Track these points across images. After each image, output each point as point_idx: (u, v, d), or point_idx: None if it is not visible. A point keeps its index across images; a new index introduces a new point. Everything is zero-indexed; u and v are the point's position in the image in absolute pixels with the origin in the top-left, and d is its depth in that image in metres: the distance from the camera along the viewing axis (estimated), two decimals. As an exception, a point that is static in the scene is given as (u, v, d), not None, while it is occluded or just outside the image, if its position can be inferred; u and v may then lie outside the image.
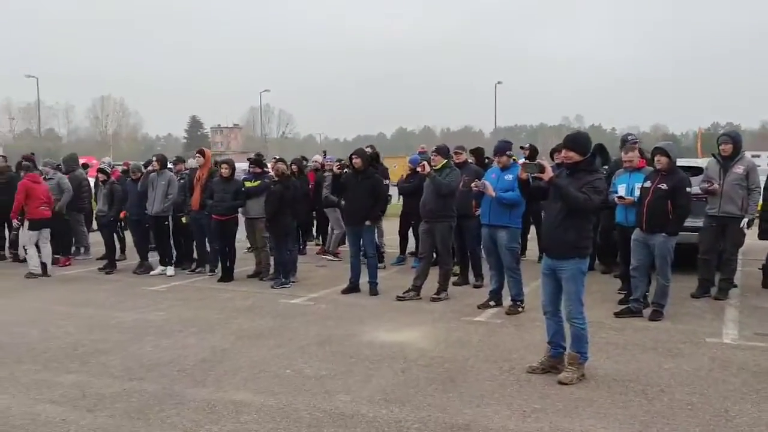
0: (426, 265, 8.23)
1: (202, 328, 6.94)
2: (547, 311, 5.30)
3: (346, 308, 7.79)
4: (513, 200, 7.18)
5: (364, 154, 8.49)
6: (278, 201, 8.86)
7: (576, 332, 5.13)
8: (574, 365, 5.11)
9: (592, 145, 5.08)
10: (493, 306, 7.61)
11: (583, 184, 4.92)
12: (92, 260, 11.76)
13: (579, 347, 5.15)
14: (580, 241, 4.99)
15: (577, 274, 5.02)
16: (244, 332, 6.76)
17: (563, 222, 4.97)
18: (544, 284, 5.24)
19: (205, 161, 10.05)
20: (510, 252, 7.33)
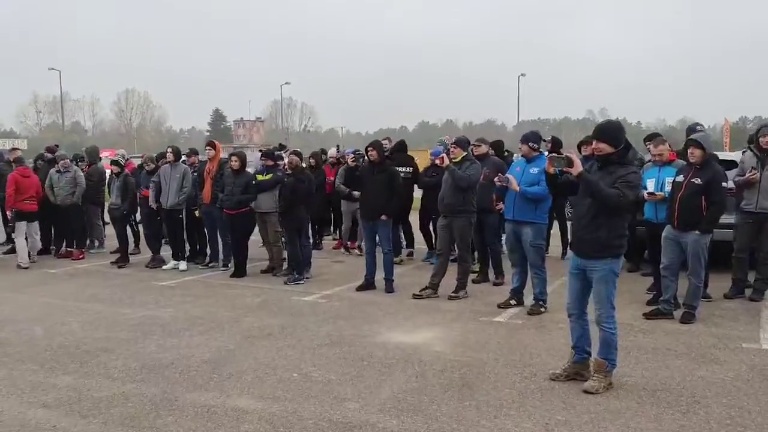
0: (444, 261, 7.90)
1: (209, 327, 6.67)
2: (572, 314, 4.93)
3: (359, 306, 7.49)
4: (538, 195, 6.81)
5: (380, 146, 8.16)
6: (291, 194, 8.58)
7: (605, 337, 4.75)
8: (602, 373, 4.74)
9: (625, 134, 4.66)
10: (514, 305, 7.27)
11: (615, 179, 4.53)
12: (106, 254, 11.57)
13: (607, 354, 4.77)
14: (612, 240, 4.60)
15: (609, 275, 4.65)
16: (252, 331, 6.48)
17: (594, 219, 4.59)
18: (570, 284, 4.87)
19: (215, 154, 9.80)
20: (535, 249, 6.96)
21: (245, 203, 9.23)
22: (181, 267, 9.96)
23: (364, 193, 8.19)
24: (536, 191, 6.82)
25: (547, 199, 6.91)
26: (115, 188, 10.51)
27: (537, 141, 7.03)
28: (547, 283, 7.21)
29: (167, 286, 8.85)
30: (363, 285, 8.33)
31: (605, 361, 4.76)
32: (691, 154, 6.58)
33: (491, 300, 7.64)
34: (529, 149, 7.03)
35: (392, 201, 8.11)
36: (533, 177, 6.89)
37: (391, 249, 8.32)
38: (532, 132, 7.22)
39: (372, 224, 8.14)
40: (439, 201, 7.83)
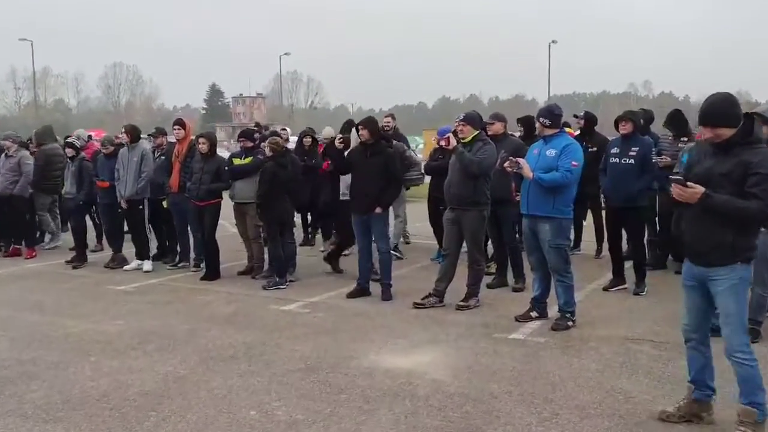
0: (451, 263, 7.30)
1: (162, 345, 6.10)
2: (690, 338, 4.22)
3: (348, 318, 6.91)
4: (556, 182, 6.18)
5: (373, 123, 7.51)
6: (270, 182, 8.02)
7: (744, 374, 3.97)
8: (750, 425, 3.96)
9: (739, 107, 3.91)
10: (536, 318, 6.65)
11: (742, 168, 3.75)
12: (65, 249, 11.01)
13: (753, 396, 3.97)
14: (741, 241, 3.86)
15: (739, 286, 3.90)
16: (212, 351, 5.90)
17: (718, 219, 3.84)
18: (687, 301, 4.17)
19: (185, 134, 9.25)
20: (555, 250, 6.30)
21: (216, 193, 8.67)
22: (145, 267, 9.45)
23: (354, 180, 7.59)
24: (552, 178, 6.19)
25: (567, 187, 6.25)
26: (70, 174, 9.96)
27: (550, 116, 6.36)
28: (574, 290, 6.55)
29: (124, 291, 8.36)
30: (355, 291, 7.80)
31: (753, 409, 3.96)
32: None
33: (509, 311, 7.04)
34: (540, 126, 6.42)
35: (389, 189, 7.52)
36: (550, 161, 6.27)
37: (389, 248, 7.70)
38: (547, 106, 6.56)
39: (365, 218, 7.54)
40: (445, 190, 7.23)
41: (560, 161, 6.17)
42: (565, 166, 6.13)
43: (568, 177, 6.13)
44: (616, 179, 7.42)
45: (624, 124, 7.51)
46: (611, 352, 5.70)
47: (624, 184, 7.27)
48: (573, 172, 6.15)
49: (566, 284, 6.40)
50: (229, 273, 9.13)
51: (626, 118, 7.56)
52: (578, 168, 6.20)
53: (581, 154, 6.34)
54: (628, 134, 7.48)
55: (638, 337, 6.07)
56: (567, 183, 6.18)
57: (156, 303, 7.71)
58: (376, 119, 7.74)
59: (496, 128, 7.92)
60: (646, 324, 6.50)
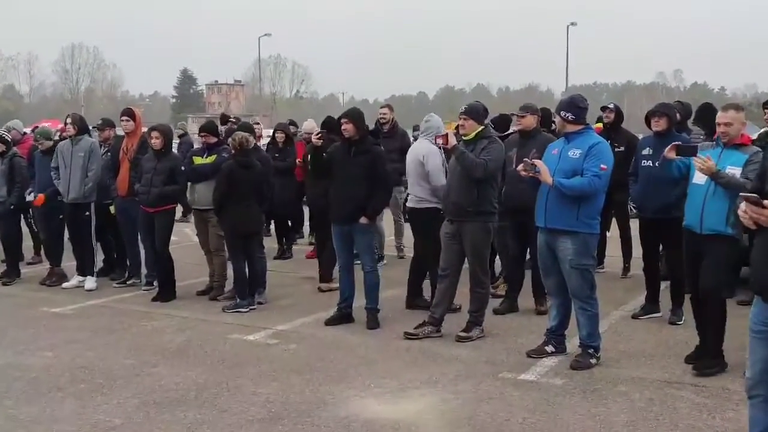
0: (450, 285, 6.96)
1: (95, 385, 5.73)
2: (755, 394, 3.82)
3: (324, 351, 6.54)
4: (580, 189, 5.81)
5: (357, 117, 7.14)
6: (227, 183, 7.72)
7: None
8: None
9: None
10: (552, 353, 6.29)
11: None
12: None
13: None
14: None
15: None
16: (157, 394, 5.52)
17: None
18: (756, 350, 3.78)
19: (134, 127, 8.89)
20: (578, 272, 5.92)
21: (170, 197, 8.36)
22: (87, 285, 9.12)
23: (335, 183, 7.26)
24: (577, 185, 5.81)
25: (595, 195, 5.87)
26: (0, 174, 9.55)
27: (574, 109, 5.99)
28: (599, 321, 6.16)
29: (59, 315, 8.00)
30: (335, 317, 7.44)
31: None
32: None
33: (519, 343, 6.67)
34: (561, 121, 6.06)
35: (377, 195, 7.18)
36: (574, 163, 5.88)
37: (375, 266, 7.32)
38: (570, 97, 6.19)
39: (347, 229, 7.18)
40: (443, 198, 6.91)
41: (586, 164, 5.79)
42: (593, 169, 5.76)
43: (596, 183, 5.75)
44: (648, 185, 7.04)
45: (657, 120, 7.14)
46: (644, 398, 5.33)
47: (658, 192, 6.87)
48: (602, 177, 5.77)
49: (590, 313, 6.01)
50: (188, 292, 8.79)
51: (660, 113, 7.20)
52: (607, 172, 5.82)
53: (611, 156, 5.97)
54: (663, 132, 7.11)
55: (677, 380, 5.68)
56: (594, 190, 5.79)
57: (96, 330, 7.33)
58: (362, 111, 7.35)
59: (528, 122, 7.56)
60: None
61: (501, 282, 8.35)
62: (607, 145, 6.05)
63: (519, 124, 7.48)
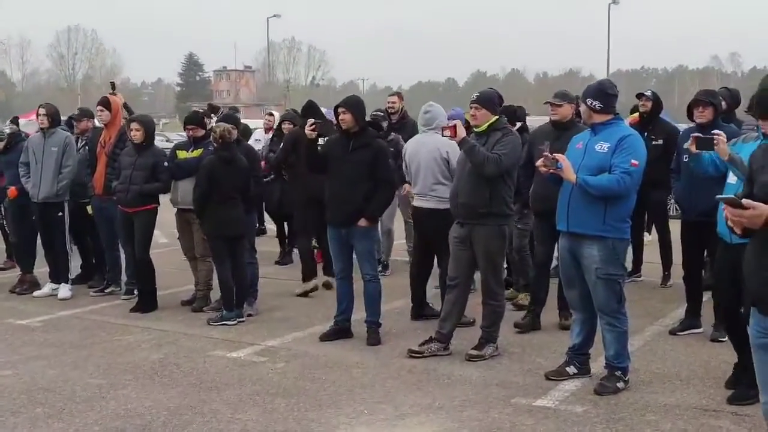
0: (460, 297, 6.79)
1: (54, 409, 5.60)
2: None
3: (317, 371, 6.40)
4: (608, 188, 5.61)
5: (356, 106, 7.02)
6: (207, 181, 7.65)
7: None
8: None
9: None
10: (574, 375, 6.10)
11: None
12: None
13: None
14: None
15: None
16: (121, 420, 5.38)
17: None
18: (761, 368, 3.71)
19: (112, 117, 8.84)
20: (605, 283, 5.73)
21: (151, 196, 8.30)
22: (61, 294, 9.11)
23: (331, 181, 7.15)
24: (605, 183, 5.61)
25: (626, 195, 5.68)
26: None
27: (602, 97, 5.78)
28: (628, 339, 5.97)
29: (27, 327, 7.95)
30: (331, 331, 7.32)
31: None
32: None
33: (537, 363, 6.50)
34: (588, 111, 5.84)
35: (379, 195, 7.07)
36: (601, 158, 5.69)
37: (376, 274, 7.21)
38: (598, 83, 5.99)
39: (344, 232, 7.07)
40: (450, 198, 6.76)
41: (615, 159, 5.58)
42: (622, 166, 5.55)
43: (625, 182, 5.53)
44: (692, 184, 6.82)
45: (702, 110, 6.96)
46: (676, 428, 5.13)
47: (703, 191, 6.62)
48: (632, 175, 5.55)
49: (618, 330, 5.80)
50: (172, 302, 8.73)
51: (705, 102, 7.02)
52: (639, 169, 5.60)
53: (643, 151, 5.76)
54: (708, 123, 6.92)
55: (715, 407, 5.47)
56: (623, 190, 5.59)
57: (64, 345, 7.25)
58: (362, 99, 7.22)
59: (564, 112, 7.36)
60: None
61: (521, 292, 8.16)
62: (638, 137, 5.83)
63: (554, 114, 7.28)
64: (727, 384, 5.77)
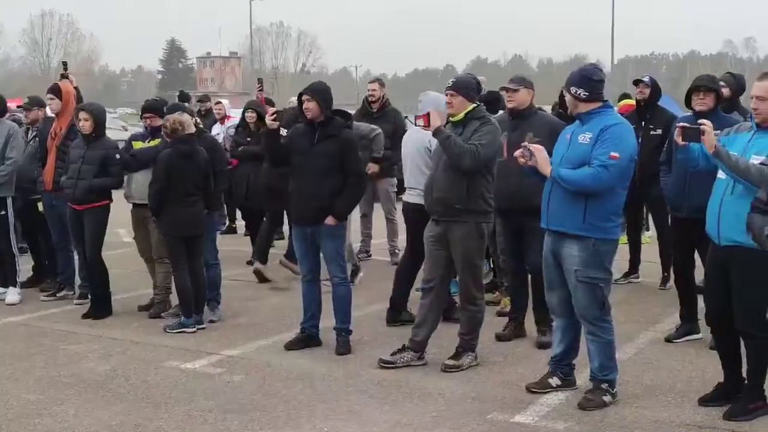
0: (435, 301, 6.63)
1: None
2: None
3: (277, 384, 6.24)
4: (581, 184, 5.48)
5: (322, 93, 6.85)
6: (166, 177, 7.46)
7: None
8: None
9: None
10: (557, 387, 5.93)
11: None
12: None
13: None
14: None
15: None
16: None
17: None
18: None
19: (63, 106, 8.60)
20: (586, 287, 5.58)
21: (102, 192, 8.10)
22: (8, 299, 8.91)
23: (295, 175, 6.99)
24: (577, 177, 5.47)
25: (608, 191, 5.50)
26: None
27: (587, 84, 5.61)
28: (615, 347, 5.82)
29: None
30: (297, 339, 7.17)
31: None
32: None
33: (520, 374, 6.35)
34: (572, 100, 5.68)
35: (347, 191, 6.88)
36: (583, 151, 5.53)
37: (345, 276, 7.05)
38: (580, 69, 5.81)
39: (310, 231, 6.93)
40: (425, 192, 6.61)
41: (595, 151, 5.42)
42: (600, 158, 5.38)
43: (601, 177, 5.36)
44: (683, 178, 6.65)
45: (702, 97, 6.82)
46: (668, 449, 4.96)
47: (695, 186, 6.45)
48: (610, 169, 5.36)
49: (601, 340, 5.62)
50: (130, 308, 8.57)
51: (707, 88, 6.87)
52: (620, 162, 5.39)
53: (630, 141, 5.55)
54: (707, 112, 6.75)
55: (710, 425, 5.30)
56: (598, 185, 5.42)
57: (4, 356, 7.07)
58: (328, 86, 7.02)
59: (521, 98, 7.14)
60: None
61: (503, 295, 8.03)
62: (625, 127, 5.61)
63: (510, 101, 7.08)
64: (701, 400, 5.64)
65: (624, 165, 5.42)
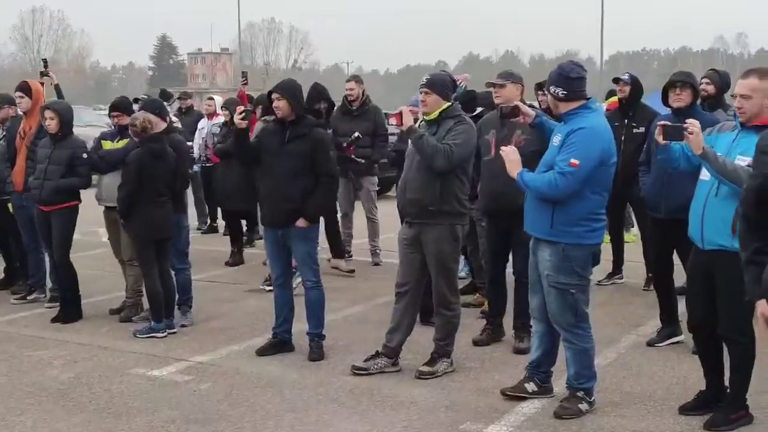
0: (410, 306, 6.43)
1: None
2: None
3: (245, 392, 6.02)
4: (538, 189, 5.36)
5: (292, 91, 6.64)
6: (137, 179, 7.24)
7: None
8: None
9: None
10: (533, 394, 5.74)
11: None
12: None
13: None
14: None
15: None
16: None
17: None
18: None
19: (32, 104, 8.38)
20: (558, 293, 5.41)
21: (69, 193, 7.91)
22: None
23: (265, 176, 6.79)
24: (537, 184, 5.35)
25: (577, 196, 5.28)
26: None
27: (564, 83, 5.39)
28: (593, 357, 5.61)
29: None
30: (268, 345, 6.95)
31: None
32: None
33: (497, 380, 6.13)
34: (552, 100, 5.50)
35: (319, 191, 6.68)
36: (553, 153, 5.41)
37: (318, 280, 6.83)
38: (558, 67, 5.56)
39: (281, 234, 6.73)
40: (398, 194, 6.46)
41: (558, 155, 5.28)
42: (559, 165, 5.22)
43: (558, 184, 5.19)
44: (663, 178, 6.47)
45: (678, 93, 6.67)
46: (647, 460, 4.77)
47: (675, 186, 6.28)
48: (568, 177, 5.16)
49: (576, 348, 5.43)
50: (101, 311, 8.32)
51: (681, 84, 6.72)
52: (579, 170, 5.16)
53: (596, 146, 5.26)
54: (684, 108, 6.61)
55: (691, 434, 5.11)
56: (555, 194, 5.25)
57: (-34, 362, 6.83)
58: (299, 84, 6.82)
59: (508, 93, 6.85)
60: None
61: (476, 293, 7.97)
62: (592, 132, 5.27)
63: (497, 96, 6.85)
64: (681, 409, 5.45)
65: (584, 172, 5.18)
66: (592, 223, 5.35)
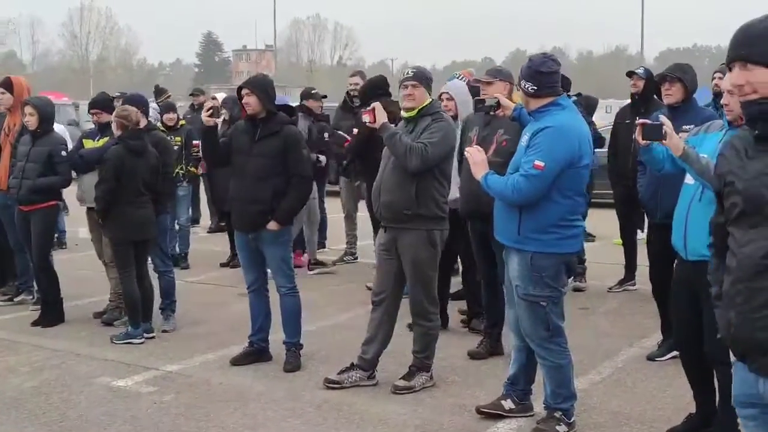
0: (386, 315, 6.07)
1: None
2: None
3: (207, 406, 5.72)
4: (501, 194, 5.04)
5: (263, 86, 6.35)
6: (114, 177, 7.02)
7: None
8: None
9: None
10: (510, 412, 5.37)
11: None
12: None
13: None
14: None
15: None
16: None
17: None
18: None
19: (15, 100, 8.17)
20: (527, 305, 5.05)
21: (49, 192, 7.72)
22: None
23: (236, 177, 6.51)
24: (499, 188, 5.00)
25: (546, 200, 4.91)
26: None
27: (535, 78, 4.98)
28: (570, 376, 5.20)
29: None
30: (243, 354, 6.66)
31: None
32: None
33: (476, 397, 5.75)
34: (524, 97, 5.15)
35: (292, 192, 6.37)
36: (519, 153, 5.07)
37: (293, 285, 6.52)
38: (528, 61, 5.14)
39: (252, 237, 6.42)
40: (373, 194, 6.13)
41: (524, 156, 4.93)
42: (523, 167, 4.87)
43: (520, 188, 4.83)
44: (657, 180, 6.06)
45: (668, 87, 6.37)
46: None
47: (670, 188, 5.82)
48: (531, 180, 4.79)
49: (549, 363, 5.04)
50: (85, 314, 8.12)
51: (670, 78, 6.40)
52: (544, 173, 4.78)
53: (563, 147, 4.84)
54: (676, 105, 6.33)
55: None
56: (517, 198, 4.90)
57: (-69, 368, 6.65)
58: (270, 79, 6.53)
59: (495, 91, 6.48)
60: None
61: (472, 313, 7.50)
62: (560, 131, 4.86)
63: (484, 94, 6.49)
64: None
65: (549, 175, 4.80)
66: (563, 230, 4.93)
